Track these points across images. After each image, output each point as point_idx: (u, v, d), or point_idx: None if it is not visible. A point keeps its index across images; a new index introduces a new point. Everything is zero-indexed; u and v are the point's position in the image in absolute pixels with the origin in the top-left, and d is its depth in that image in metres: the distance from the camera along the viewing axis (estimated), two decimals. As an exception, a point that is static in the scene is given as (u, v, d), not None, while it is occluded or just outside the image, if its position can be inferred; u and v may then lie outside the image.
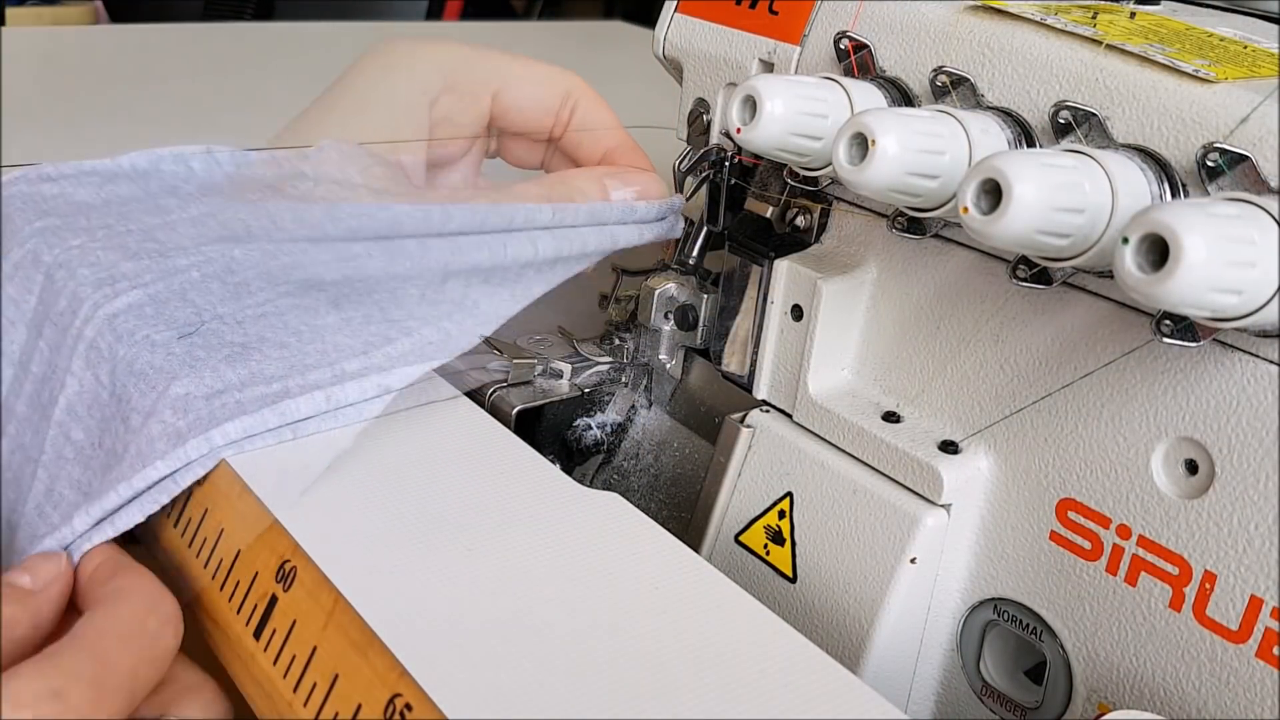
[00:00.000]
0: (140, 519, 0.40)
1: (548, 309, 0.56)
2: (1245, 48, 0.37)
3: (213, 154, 0.62)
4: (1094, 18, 0.38)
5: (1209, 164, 0.32)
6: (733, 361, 0.46)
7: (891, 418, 0.41)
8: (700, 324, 0.49)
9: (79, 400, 0.45)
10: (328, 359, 0.46)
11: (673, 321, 0.49)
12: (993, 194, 0.31)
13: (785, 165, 0.42)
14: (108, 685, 0.32)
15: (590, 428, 0.49)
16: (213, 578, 0.39)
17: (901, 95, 0.40)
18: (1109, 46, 0.36)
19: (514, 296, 0.47)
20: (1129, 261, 0.28)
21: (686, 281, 0.49)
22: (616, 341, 0.51)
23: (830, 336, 0.42)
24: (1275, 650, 0.33)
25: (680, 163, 0.48)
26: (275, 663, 0.35)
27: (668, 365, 0.50)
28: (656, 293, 0.49)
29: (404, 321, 0.49)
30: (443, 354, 0.46)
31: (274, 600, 0.36)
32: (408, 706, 0.31)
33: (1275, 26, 0.41)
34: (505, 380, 0.48)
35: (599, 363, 0.50)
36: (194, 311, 0.48)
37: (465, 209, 0.45)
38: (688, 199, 0.48)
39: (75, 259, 0.50)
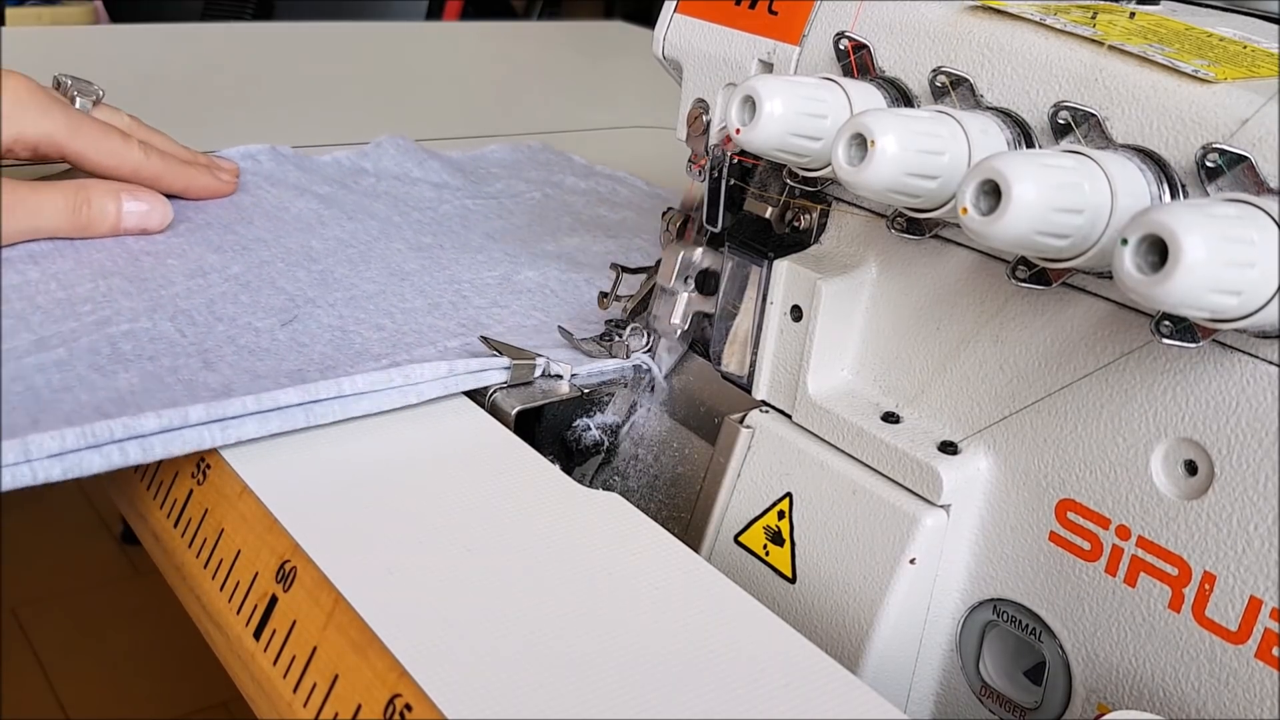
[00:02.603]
0: (257, 433, 0.41)
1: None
2: (1245, 48, 0.37)
3: (278, 151, 0.69)
4: (1094, 18, 0.38)
5: (1208, 164, 0.32)
6: (732, 362, 0.46)
7: (891, 418, 0.41)
8: (720, 291, 0.48)
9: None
10: (427, 339, 0.51)
11: (693, 284, 0.49)
12: (992, 194, 0.31)
13: (784, 166, 0.42)
14: None
15: (590, 428, 0.49)
16: (213, 578, 0.39)
17: (901, 96, 0.40)
18: (1110, 47, 0.36)
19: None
20: (1128, 262, 0.28)
21: (712, 250, 0.49)
22: (616, 339, 0.51)
23: (830, 337, 0.42)
24: (1275, 651, 0.33)
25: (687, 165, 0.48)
26: (275, 663, 0.35)
27: (678, 331, 0.50)
28: (681, 254, 0.49)
29: (489, 309, 0.55)
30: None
31: (274, 600, 0.36)
32: (408, 706, 0.31)
33: (1275, 26, 0.41)
34: (505, 380, 0.48)
35: (603, 365, 0.50)
36: (287, 298, 0.53)
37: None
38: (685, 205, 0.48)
39: (162, 249, 0.56)
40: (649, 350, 0.51)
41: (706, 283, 0.49)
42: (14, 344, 0.45)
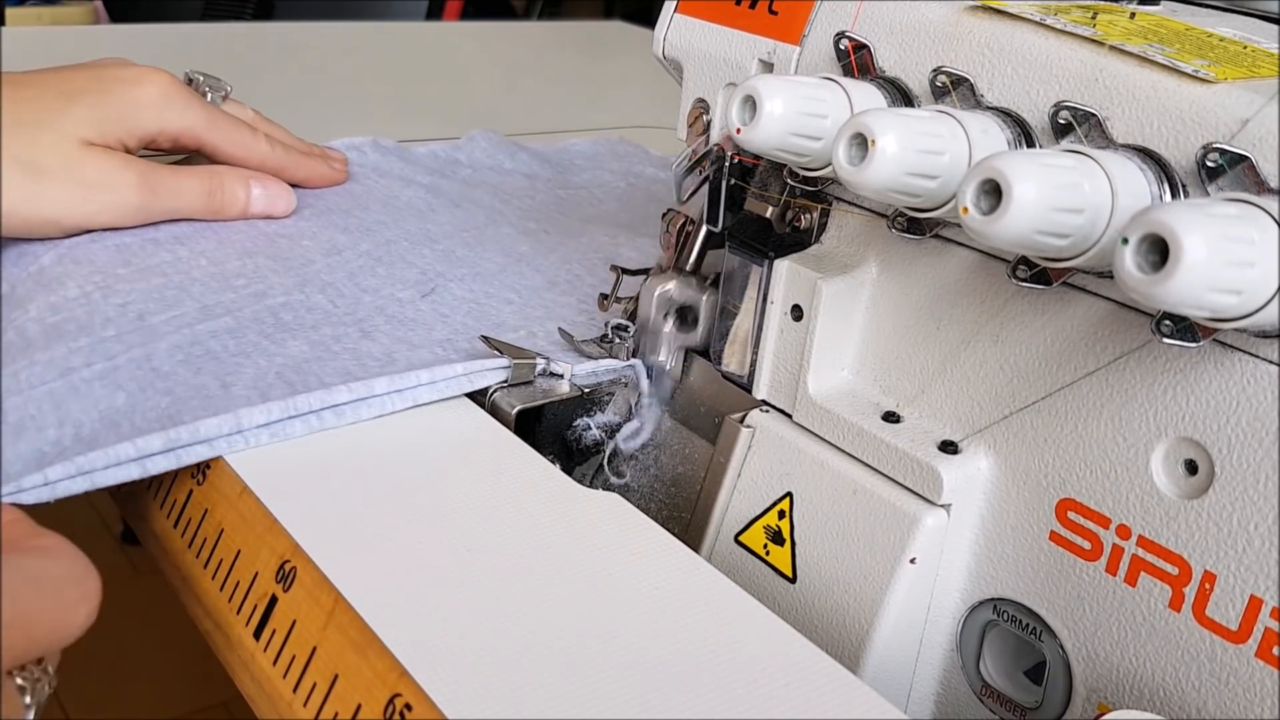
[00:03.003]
0: (434, 397, 0.45)
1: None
2: (1245, 48, 0.37)
3: (379, 143, 0.74)
4: (1094, 18, 0.38)
5: (1209, 164, 0.32)
6: (733, 361, 0.46)
7: (891, 418, 0.41)
8: (700, 324, 0.49)
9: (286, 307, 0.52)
10: (554, 313, 0.55)
11: (672, 322, 0.49)
12: (993, 194, 0.31)
13: (785, 165, 0.42)
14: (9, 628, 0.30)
15: (590, 428, 0.49)
16: (213, 578, 0.39)
17: (901, 95, 0.40)
18: (1110, 47, 0.36)
19: None
20: (1129, 262, 0.28)
21: (687, 281, 0.49)
22: (617, 341, 0.51)
23: (830, 336, 0.42)
24: (1275, 650, 0.33)
25: (679, 163, 0.48)
26: (275, 663, 0.35)
27: (668, 366, 0.50)
28: (655, 293, 0.49)
29: (602, 286, 0.57)
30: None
31: (274, 600, 0.36)
32: (408, 706, 0.31)
33: (1275, 26, 0.41)
34: (505, 380, 0.48)
35: (601, 367, 0.50)
36: (419, 273, 0.57)
37: None
38: (685, 200, 0.48)
39: (293, 231, 0.60)
40: (646, 356, 0.51)
41: (685, 318, 0.49)
42: (181, 311, 0.49)
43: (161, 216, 0.57)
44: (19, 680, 0.31)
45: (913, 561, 0.39)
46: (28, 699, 0.32)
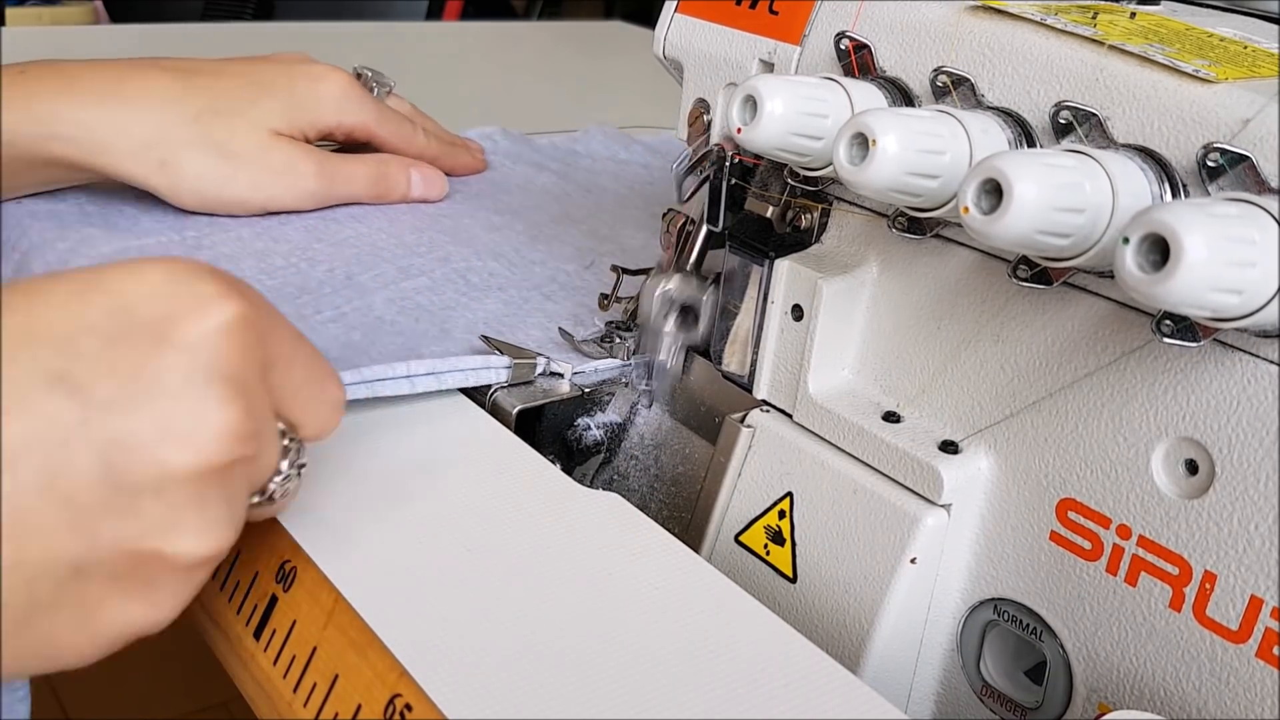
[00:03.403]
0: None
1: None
2: (1245, 48, 0.37)
3: (508, 132, 0.81)
4: (1094, 18, 0.38)
5: (1209, 164, 0.32)
6: (733, 361, 0.46)
7: (892, 418, 0.41)
8: (701, 323, 0.49)
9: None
10: None
11: (673, 321, 0.49)
12: (993, 194, 0.31)
13: (785, 165, 0.42)
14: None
15: (590, 428, 0.49)
16: (213, 577, 0.39)
17: (902, 95, 0.40)
18: (1111, 47, 0.36)
19: None
20: (1129, 261, 0.28)
21: (687, 281, 0.49)
22: (617, 341, 0.51)
23: (830, 336, 0.42)
24: (1275, 650, 0.33)
25: (680, 163, 0.48)
26: (275, 663, 0.35)
27: (668, 365, 0.50)
28: (656, 292, 0.49)
29: None
30: None
31: (274, 600, 0.36)
32: (408, 706, 0.31)
33: (1275, 26, 0.41)
34: (505, 380, 0.48)
35: (601, 366, 0.50)
36: (574, 249, 0.63)
37: None
38: (686, 200, 0.48)
39: (451, 212, 0.67)
40: (646, 355, 0.51)
41: (686, 317, 0.49)
42: (380, 271, 0.56)
43: (334, 201, 0.64)
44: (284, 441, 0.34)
45: (913, 561, 0.39)
46: (284, 463, 0.34)
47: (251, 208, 0.61)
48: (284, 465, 0.34)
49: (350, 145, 0.67)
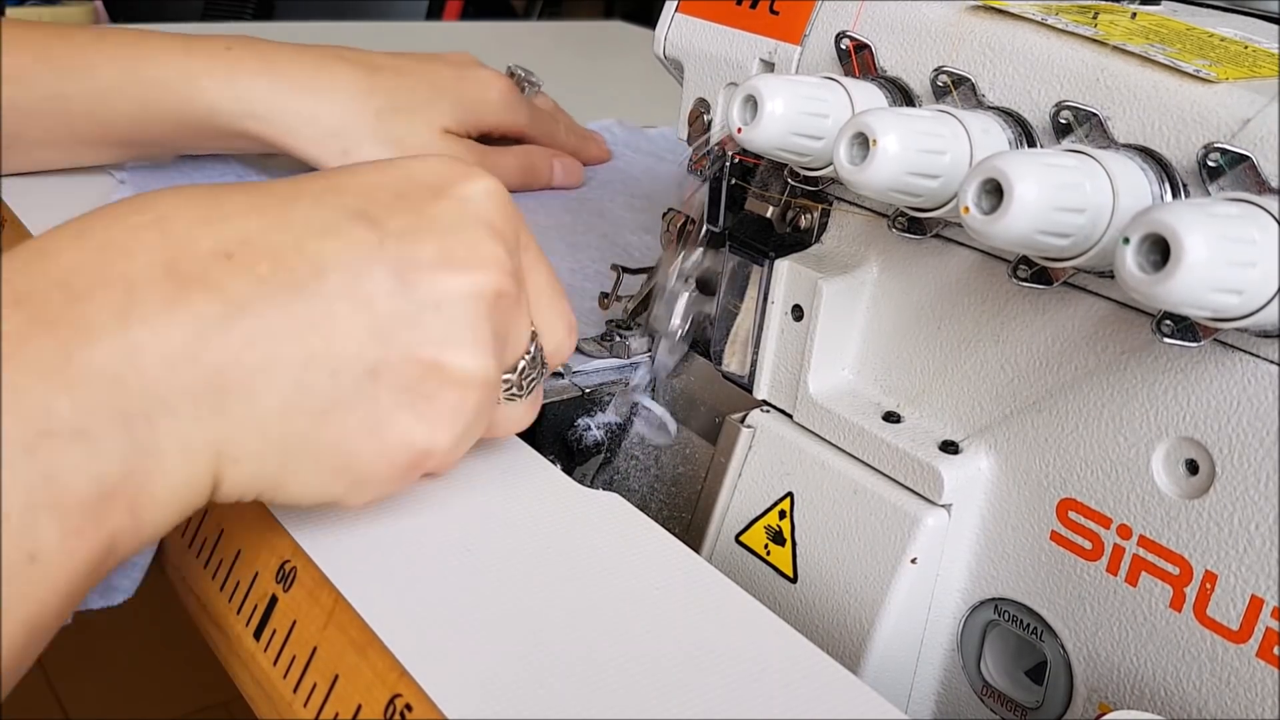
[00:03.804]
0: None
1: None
2: (1246, 48, 0.37)
3: (622, 124, 0.88)
4: (1095, 18, 0.38)
5: (1210, 164, 0.32)
6: (733, 361, 0.46)
7: (892, 418, 0.41)
8: (720, 292, 0.48)
9: None
10: None
11: (694, 285, 0.49)
12: (994, 194, 0.31)
13: (786, 165, 0.42)
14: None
15: (590, 428, 0.49)
16: (213, 578, 0.39)
17: (902, 95, 0.40)
18: (1112, 47, 0.36)
19: None
20: (1130, 261, 0.28)
21: (710, 253, 0.49)
22: (617, 340, 0.51)
23: (831, 336, 0.42)
24: (1276, 650, 0.33)
25: (680, 162, 0.48)
26: (275, 663, 0.35)
27: (679, 333, 0.50)
28: (682, 255, 0.49)
29: None
30: None
31: (274, 600, 0.36)
32: (408, 706, 0.31)
33: (1275, 26, 0.41)
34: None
35: (601, 365, 0.50)
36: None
37: None
38: (686, 199, 0.48)
39: (592, 196, 0.74)
40: (649, 352, 0.51)
41: (708, 283, 0.49)
42: (553, 246, 0.63)
43: None
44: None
45: (914, 561, 0.39)
46: (532, 348, 0.39)
47: None
48: (532, 349, 0.38)
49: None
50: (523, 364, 0.38)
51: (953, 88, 0.39)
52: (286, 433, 0.32)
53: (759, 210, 0.45)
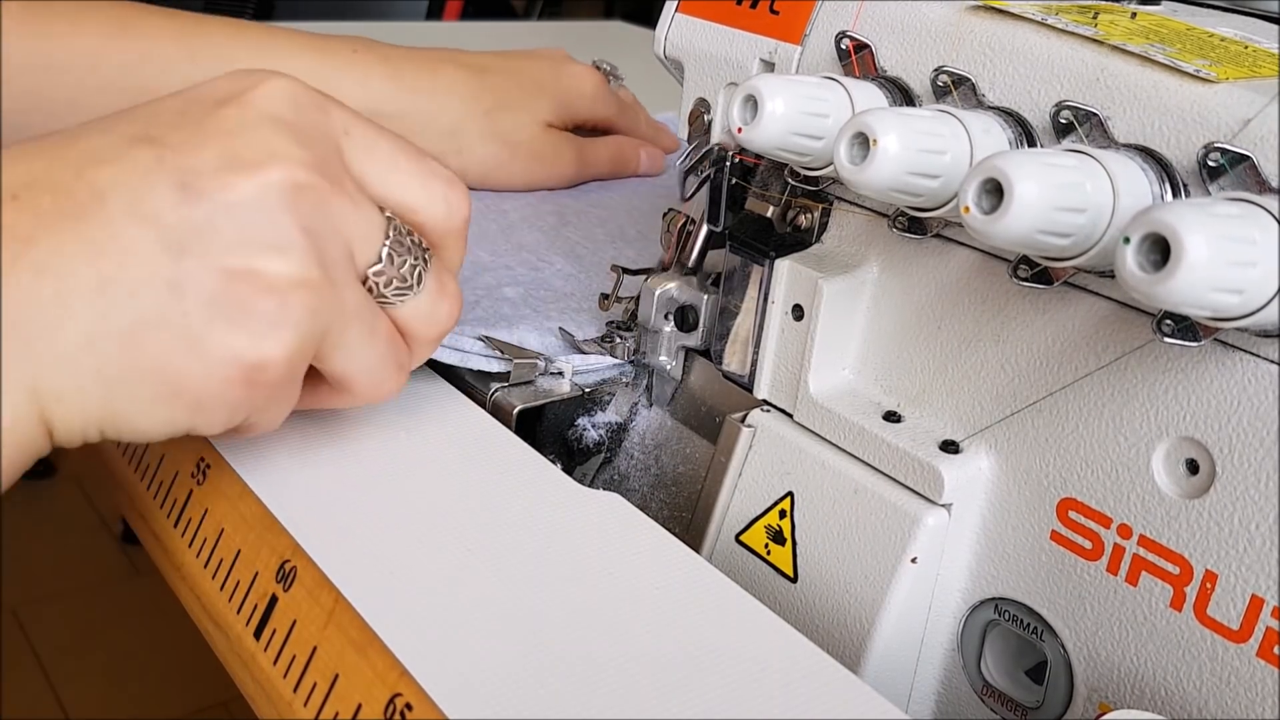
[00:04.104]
0: None
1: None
2: (1246, 48, 0.37)
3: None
4: (1095, 18, 0.38)
5: (1210, 164, 0.32)
6: (733, 361, 0.46)
7: (892, 417, 0.41)
8: (701, 325, 0.49)
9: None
10: None
11: (672, 322, 0.49)
12: (994, 193, 0.31)
13: (786, 165, 0.42)
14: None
15: (590, 428, 0.49)
16: (213, 578, 0.39)
17: (903, 95, 0.40)
18: (1112, 47, 0.36)
19: None
20: (1130, 261, 0.28)
21: (687, 282, 0.49)
22: (617, 341, 0.51)
23: (831, 336, 0.42)
24: (1276, 650, 0.33)
25: (681, 161, 0.48)
26: (275, 663, 0.35)
27: (668, 366, 0.50)
28: (656, 293, 0.49)
29: None
30: None
31: (274, 600, 0.36)
32: (408, 706, 0.31)
33: (1275, 26, 0.41)
34: (506, 380, 0.48)
35: (600, 363, 0.50)
36: None
37: None
38: (688, 198, 0.48)
39: (665, 184, 0.77)
40: (646, 356, 0.51)
41: (686, 319, 0.49)
42: (603, 232, 0.66)
43: (584, 179, 0.74)
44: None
45: (914, 561, 0.39)
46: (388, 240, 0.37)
47: (518, 188, 0.71)
48: (390, 232, 0.37)
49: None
50: (385, 251, 0.37)
51: (953, 88, 0.39)
52: (100, 362, 0.32)
53: (759, 210, 0.45)
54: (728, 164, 0.46)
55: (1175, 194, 0.33)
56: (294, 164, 0.34)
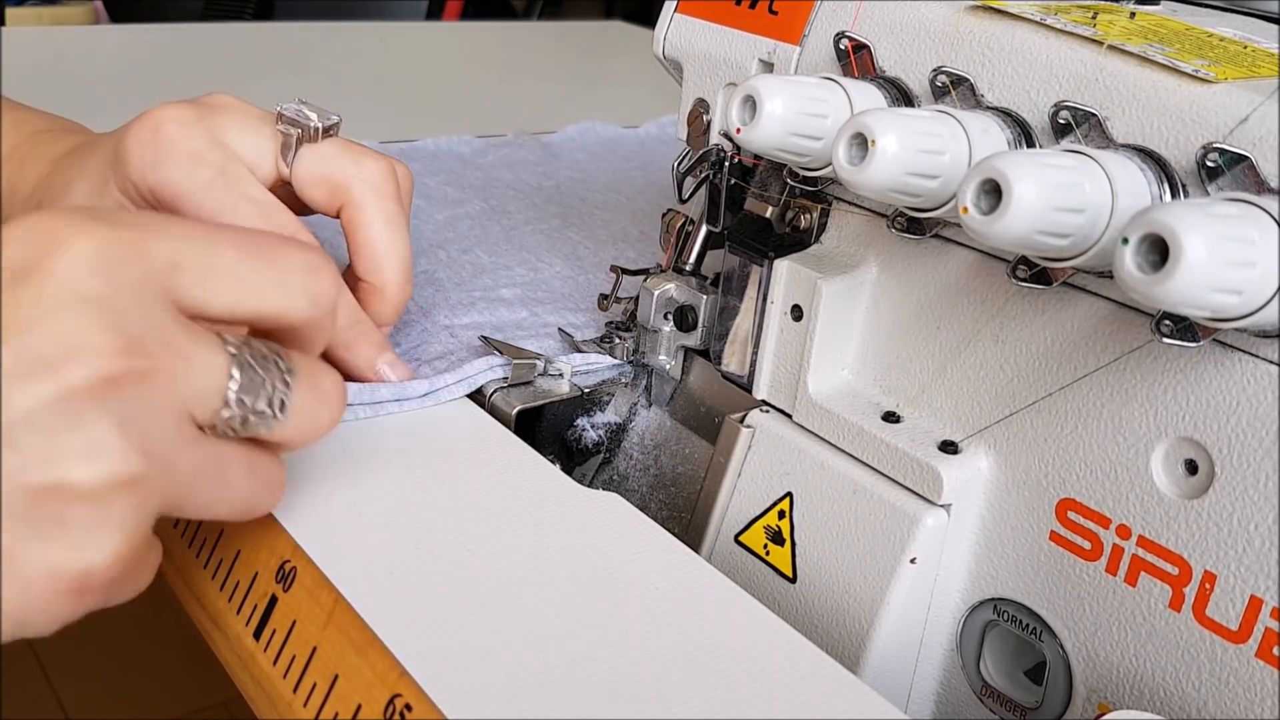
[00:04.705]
0: None
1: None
2: (1245, 48, 0.37)
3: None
4: (1094, 18, 0.38)
5: (1209, 164, 0.32)
6: (733, 361, 0.46)
7: (891, 418, 0.41)
8: (699, 325, 0.49)
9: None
10: None
11: (671, 322, 0.49)
12: (993, 194, 0.31)
13: (785, 165, 0.42)
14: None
15: (590, 428, 0.49)
16: (213, 578, 0.39)
17: (901, 95, 0.40)
18: (1110, 47, 0.36)
19: None
20: (1129, 261, 0.28)
21: (686, 282, 0.49)
22: (616, 341, 0.51)
23: (830, 336, 0.42)
24: (1275, 650, 0.33)
25: (679, 163, 0.48)
26: (275, 663, 0.35)
27: (667, 366, 0.50)
28: (655, 294, 0.49)
29: None
30: None
31: (274, 600, 0.36)
32: (408, 706, 0.31)
33: (1275, 26, 0.41)
34: (505, 380, 0.48)
35: (599, 363, 0.50)
36: None
37: None
38: (686, 199, 0.48)
39: None
40: (646, 356, 0.51)
41: (685, 318, 0.49)
42: (606, 233, 0.67)
43: None
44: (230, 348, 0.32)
45: (913, 561, 0.39)
46: (236, 372, 0.32)
47: None
48: (235, 374, 0.32)
49: None
50: (232, 395, 0.32)
51: (952, 88, 0.39)
52: None
53: (758, 210, 0.45)
54: (726, 164, 0.46)
55: (1174, 194, 0.33)
56: (102, 356, 0.29)
